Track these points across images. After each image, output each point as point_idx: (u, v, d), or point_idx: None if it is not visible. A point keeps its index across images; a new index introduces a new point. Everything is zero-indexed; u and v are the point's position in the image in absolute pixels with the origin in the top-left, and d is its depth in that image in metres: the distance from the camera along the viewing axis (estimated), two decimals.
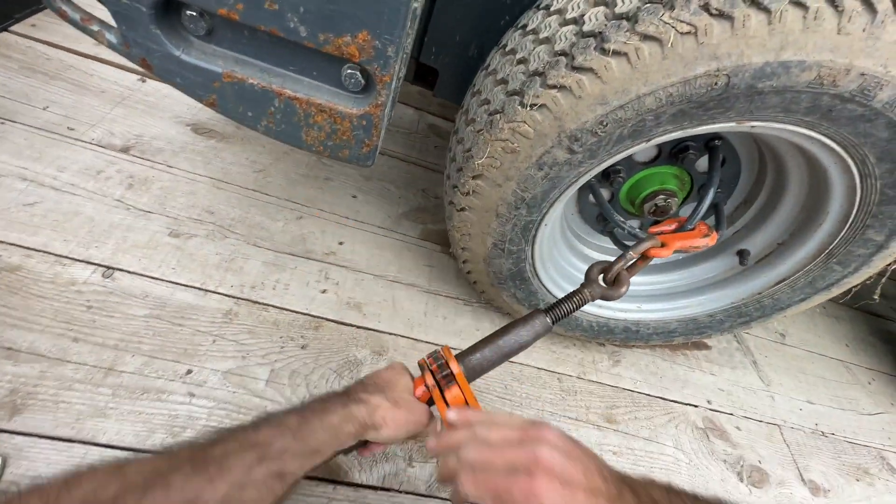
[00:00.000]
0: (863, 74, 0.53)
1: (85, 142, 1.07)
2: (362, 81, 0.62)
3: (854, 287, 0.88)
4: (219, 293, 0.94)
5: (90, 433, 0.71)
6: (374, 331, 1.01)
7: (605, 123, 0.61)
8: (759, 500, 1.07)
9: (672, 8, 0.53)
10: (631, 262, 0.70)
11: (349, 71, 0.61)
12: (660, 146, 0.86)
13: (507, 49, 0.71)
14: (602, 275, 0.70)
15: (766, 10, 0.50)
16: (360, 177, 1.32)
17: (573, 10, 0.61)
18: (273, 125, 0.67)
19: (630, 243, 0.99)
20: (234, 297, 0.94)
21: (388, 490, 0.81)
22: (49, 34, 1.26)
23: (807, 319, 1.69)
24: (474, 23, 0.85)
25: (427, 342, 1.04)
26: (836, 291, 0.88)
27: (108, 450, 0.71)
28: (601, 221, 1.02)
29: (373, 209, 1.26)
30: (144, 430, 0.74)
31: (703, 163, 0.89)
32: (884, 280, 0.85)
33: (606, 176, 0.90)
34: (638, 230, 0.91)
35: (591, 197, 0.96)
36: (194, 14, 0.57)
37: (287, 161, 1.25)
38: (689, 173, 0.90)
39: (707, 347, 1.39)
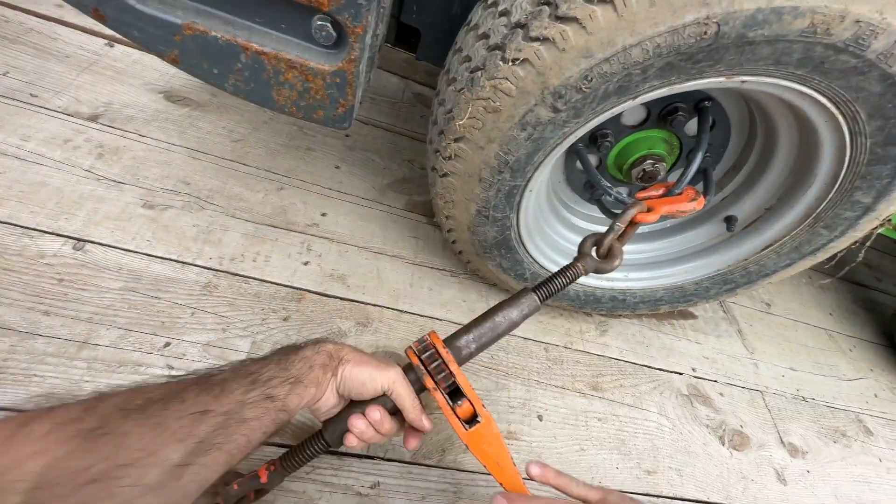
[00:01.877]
0: (858, 22, 0.50)
1: (50, 109, 1.01)
2: (334, 34, 0.58)
3: (839, 252, 0.88)
4: (197, 265, 0.91)
5: None
6: (359, 302, 1.00)
7: (589, 78, 0.58)
8: (739, 462, 1.10)
9: None
10: (620, 231, 0.69)
11: (319, 23, 0.57)
12: (648, 108, 0.83)
13: (490, 2, 0.67)
14: (595, 247, 0.68)
15: None
16: (343, 147, 1.28)
17: None
18: (241, 83, 0.63)
19: (618, 211, 0.98)
20: (212, 270, 0.92)
21: (373, 458, 0.81)
22: None
23: (793, 289, 1.71)
24: None
25: (413, 313, 1.03)
26: (821, 256, 0.88)
27: None
28: (589, 189, 1.00)
29: (356, 180, 1.23)
30: None
31: (692, 126, 0.86)
32: (868, 244, 0.85)
33: (594, 140, 0.88)
34: (626, 197, 0.89)
35: (578, 163, 0.94)
36: None
37: (266, 130, 1.21)
38: (678, 137, 0.88)
39: (693, 317, 1.40)
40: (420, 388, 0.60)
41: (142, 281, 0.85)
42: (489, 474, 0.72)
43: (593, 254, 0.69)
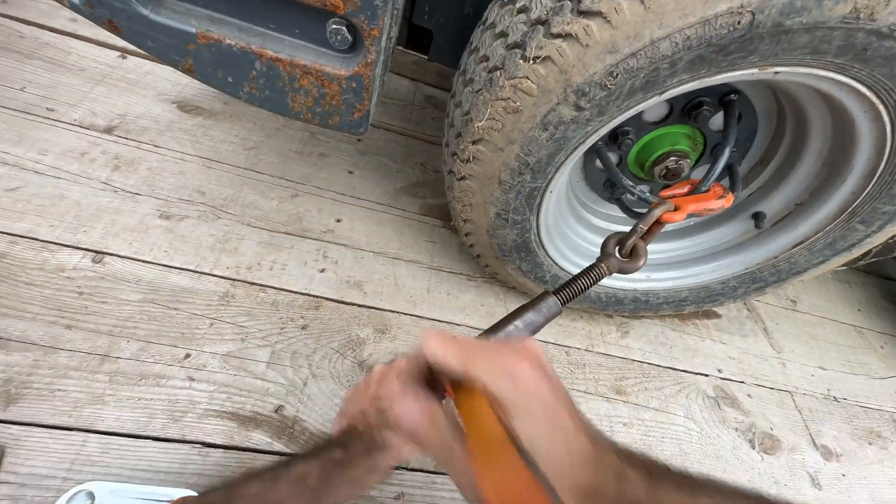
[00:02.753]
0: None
1: (66, 123, 1.02)
2: (349, 38, 0.57)
3: (875, 247, 0.84)
4: (214, 275, 0.91)
5: (88, 420, 0.69)
6: (377, 309, 0.99)
7: (615, 74, 0.56)
8: (771, 466, 1.06)
9: None
10: (644, 231, 0.67)
11: (334, 26, 0.56)
12: (671, 103, 0.81)
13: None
14: (618, 247, 0.66)
15: None
16: (355, 152, 1.27)
17: None
18: (256, 91, 0.62)
19: (642, 210, 0.95)
20: (230, 279, 0.91)
21: (399, 468, 0.79)
22: (22, 10, 1.20)
23: (818, 285, 1.65)
24: None
25: (431, 319, 1.02)
26: (857, 252, 0.84)
27: (108, 437, 0.69)
28: (609, 188, 0.97)
29: (370, 185, 1.21)
30: (144, 416, 0.72)
31: (717, 120, 0.83)
32: None
33: (614, 138, 0.85)
34: (648, 195, 0.86)
35: (597, 162, 0.92)
36: None
37: (279, 137, 1.20)
38: (703, 132, 0.85)
39: (717, 316, 1.36)
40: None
41: (160, 292, 0.85)
42: None
43: (617, 254, 0.66)
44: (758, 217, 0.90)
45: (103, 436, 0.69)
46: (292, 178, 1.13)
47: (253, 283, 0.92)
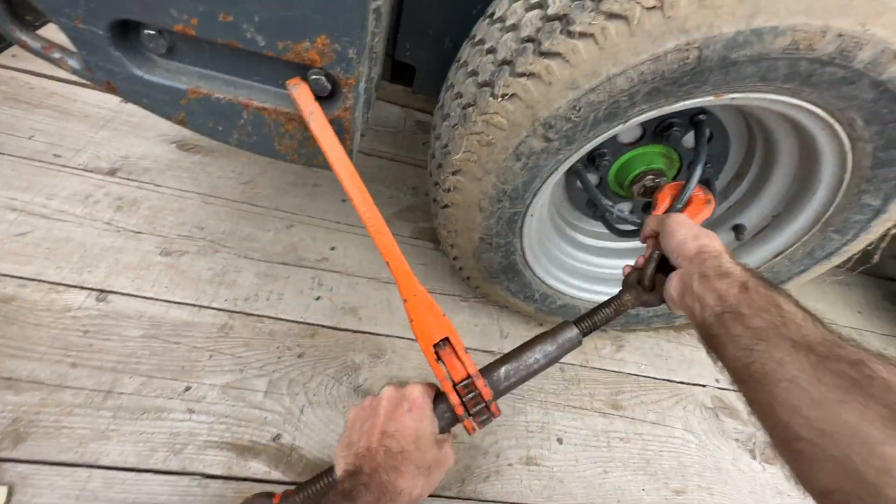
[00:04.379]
0: (840, 35, 0.51)
1: (72, 167, 1.07)
2: (328, 86, 0.61)
3: (855, 255, 0.86)
4: (213, 308, 0.94)
5: (93, 456, 0.72)
6: (371, 334, 1.01)
7: (578, 108, 0.59)
8: (774, 476, 1.06)
9: None
10: (658, 260, 0.64)
11: (314, 77, 0.60)
12: (644, 125, 0.84)
13: (477, 39, 0.69)
14: (639, 280, 0.65)
15: None
16: None
17: None
18: (245, 137, 0.67)
19: (626, 227, 0.97)
20: (228, 311, 0.95)
21: None
22: (30, 63, 1.27)
23: (816, 289, 1.65)
24: (446, 15, 0.84)
25: None
26: (836, 260, 0.86)
27: (112, 471, 0.71)
28: (592, 206, 1.00)
29: None
30: (146, 450, 0.75)
31: (689, 139, 0.87)
32: (884, 244, 0.83)
33: (592, 160, 0.89)
34: (628, 214, 0.89)
35: (578, 182, 0.95)
36: (152, 33, 0.56)
37: (274, 171, 1.25)
38: (677, 151, 0.88)
39: None
40: (452, 419, 0.58)
41: (162, 327, 0.88)
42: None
43: (638, 286, 0.66)
44: (738, 229, 0.92)
45: (107, 470, 0.71)
46: (287, 209, 1.17)
47: (250, 314, 0.96)
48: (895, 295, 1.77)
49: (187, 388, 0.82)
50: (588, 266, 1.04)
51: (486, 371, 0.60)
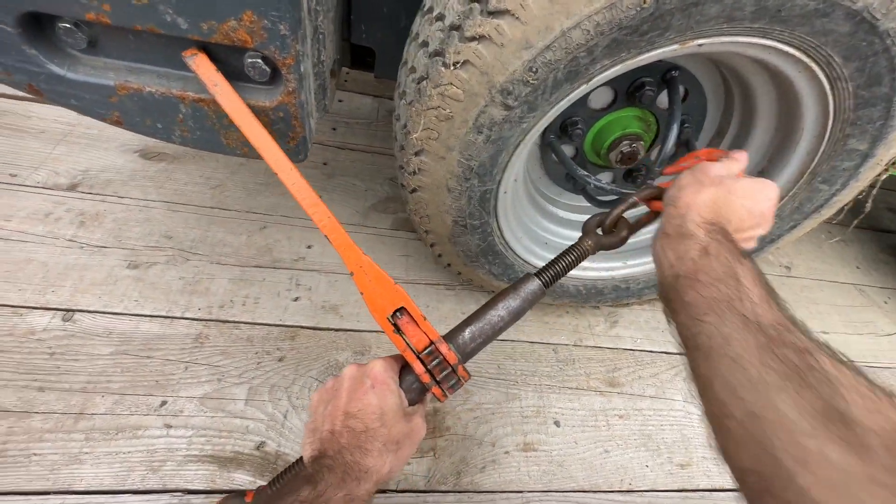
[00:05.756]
0: None
1: (29, 186, 1.03)
2: (267, 70, 0.57)
3: (846, 205, 0.82)
4: (186, 318, 0.91)
5: (66, 482, 0.69)
6: (354, 331, 0.98)
7: (534, 69, 0.55)
8: None
9: None
10: (631, 205, 0.62)
11: (250, 60, 0.56)
12: (615, 88, 0.80)
13: (426, 8, 0.65)
14: (599, 225, 0.63)
15: None
16: (321, 176, 1.28)
17: None
18: (188, 134, 0.63)
19: (604, 198, 0.94)
20: (202, 320, 0.91)
21: (384, 492, 0.78)
22: None
23: (812, 247, 1.62)
24: None
25: None
26: (826, 213, 0.82)
27: (87, 496, 0.68)
28: (571, 180, 0.96)
29: (339, 206, 1.21)
30: (123, 470, 0.72)
31: (664, 99, 0.82)
32: (875, 191, 0.79)
33: (565, 130, 0.84)
34: (605, 184, 0.85)
35: (554, 155, 0.91)
36: (68, 26, 0.52)
37: (244, 172, 1.21)
38: (653, 113, 0.84)
39: None
40: (421, 389, 0.55)
41: (133, 342, 0.85)
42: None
43: (598, 231, 0.63)
44: None
45: (82, 496, 0.68)
46: (260, 211, 1.14)
47: (226, 322, 0.92)
48: (893, 247, 1.74)
49: (163, 403, 0.79)
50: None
51: (450, 336, 0.57)
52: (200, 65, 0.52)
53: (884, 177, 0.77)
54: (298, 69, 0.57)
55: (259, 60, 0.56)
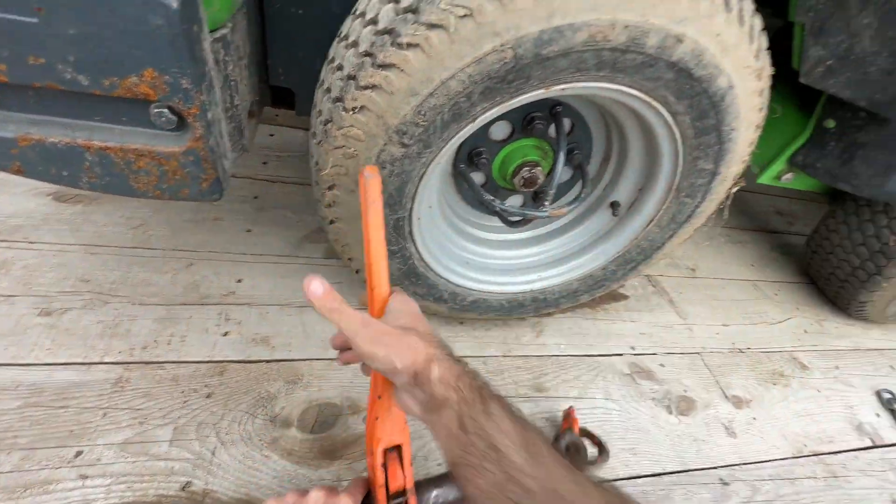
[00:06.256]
0: (627, 26, 0.58)
1: None
2: (174, 118, 0.61)
3: (712, 214, 0.96)
4: (105, 363, 0.88)
5: None
6: (286, 360, 0.99)
7: (423, 113, 0.63)
8: (689, 426, 1.15)
9: None
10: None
11: (156, 110, 0.59)
12: (512, 122, 0.90)
13: (330, 58, 0.72)
14: None
15: None
16: (252, 210, 1.29)
17: (370, 11, 0.63)
18: (96, 179, 0.64)
19: (516, 219, 1.03)
20: (123, 364, 0.89)
21: None
22: None
23: (713, 250, 1.82)
24: (311, 38, 0.86)
25: None
26: (697, 222, 0.96)
27: None
28: (483, 203, 1.05)
29: (271, 239, 1.23)
30: None
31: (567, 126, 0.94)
32: (729, 202, 0.94)
33: (472, 160, 0.93)
34: (508, 206, 0.94)
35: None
36: None
37: (169, 210, 1.20)
38: (548, 142, 0.95)
39: (625, 297, 1.47)
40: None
41: (44, 393, 0.82)
42: None
43: None
44: (614, 206, 1.01)
45: None
46: (186, 248, 1.13)
47: (149, 363, 0.91)
48: (781, 246, 1.99)
49: (78, 454, 0.76)
50: (492, 259, 1.09)
51: (420, 488, 0.61)
52: (371, 186, 0.52)
53: (735, 189, 0.91)
54: (205, 116, 0.61)
55: (165, 110, 0.59)
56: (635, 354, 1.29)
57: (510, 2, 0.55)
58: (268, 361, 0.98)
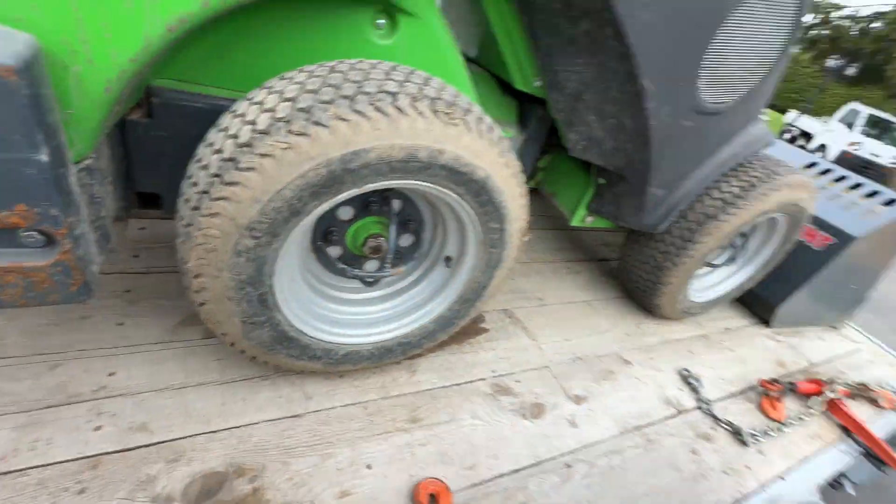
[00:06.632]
0: (403, 147, 0.88)
1: None
2: (42, 238, 0.73)
3: (515, 256, 1.30)
4: None
5: None
6: (166, 442, 1.04)
7: (266, 213, 0.84)
8: (540, 427, 1.42)
9: (270, 134, 0.80)
10: None
11: (24, 234, 0.71)
12: (353, 206, 1.15)
13: (188, 174, 0.90)
14: None
15: (325, 126, 0.81)
16: (124, 303, 1.33)
17: (217, 143, 0.84)
18: None
19: (370, 279, 1.26)
20: None
21: None
22: None
23: (557, 281, 2.24)
24: (176, 149, 1.03)
25: (228, 428, 1.11)
26: (507, 265, 1.28)
27: None
28: (342, 269, 1.27)
29: (145, 329, 1.28)
30: None
31: (396, 206, 1.21)
32: (524, 248, 1.28)
33: (327, 237, 1.16)
34: (360, 272, 1.17)
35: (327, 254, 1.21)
36: None
37: (26, 316, 1.19)
38: (387, 217, 1.22)
39: (486, 331, 1.76)
40: None
41: None
42: None
43: None
44: (448, 260, 1.30)
45: None
46: (49, 351, 1.14)
47: (9, 472, 0.90)
48: (609, 271, 2.53)
49: None
50: (359, 315, 1.29)
51: None
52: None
53: (526, 239, 1.26)
54: (73, 234, 0.74)
55: (34, 233, 0.72)
56: (496, 376, 1.55)
57: (318, 138, 0.81)
58: (147, 446, 1.02)
